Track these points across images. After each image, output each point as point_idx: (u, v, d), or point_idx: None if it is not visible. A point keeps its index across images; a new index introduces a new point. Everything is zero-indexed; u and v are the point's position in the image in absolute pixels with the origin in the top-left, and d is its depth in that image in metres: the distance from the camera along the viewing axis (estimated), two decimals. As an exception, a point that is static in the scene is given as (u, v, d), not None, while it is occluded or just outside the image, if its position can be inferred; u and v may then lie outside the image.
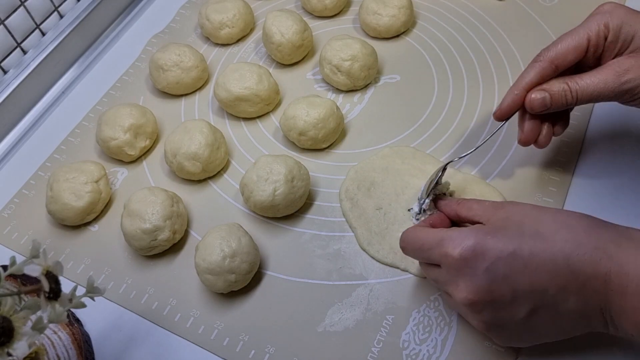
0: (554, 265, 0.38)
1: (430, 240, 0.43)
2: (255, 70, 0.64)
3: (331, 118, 0.60)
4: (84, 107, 0.71)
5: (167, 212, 0.55)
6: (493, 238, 0.40)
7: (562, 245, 0.39)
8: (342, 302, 0.52)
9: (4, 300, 0.35)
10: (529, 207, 0.43)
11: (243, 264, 0.51)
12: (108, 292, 0.55)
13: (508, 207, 0.44)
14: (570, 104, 0.49)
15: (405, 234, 0.47)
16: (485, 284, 0.40)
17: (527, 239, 0.40)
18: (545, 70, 0.49)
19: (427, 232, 0.44)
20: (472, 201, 0.47)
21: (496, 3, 0.73)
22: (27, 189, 0.64)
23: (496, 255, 0.39)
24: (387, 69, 0.69)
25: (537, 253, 0.39)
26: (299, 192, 0.56)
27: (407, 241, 0.46)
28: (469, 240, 0.40)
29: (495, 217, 0.43)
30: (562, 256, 0.38)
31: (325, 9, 0.74)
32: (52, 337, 0.50)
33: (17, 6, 0.70)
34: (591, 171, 0.57)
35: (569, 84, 0.48)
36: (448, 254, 0.41)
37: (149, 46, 0.76)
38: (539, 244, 0.39)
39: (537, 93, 0.49)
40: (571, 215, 0.41)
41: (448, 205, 0.49)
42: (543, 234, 0.40)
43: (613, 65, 0.47)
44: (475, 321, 0.42)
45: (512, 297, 0.39)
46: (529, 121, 0.51)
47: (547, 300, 0.39)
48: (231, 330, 0.52)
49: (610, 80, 0.47)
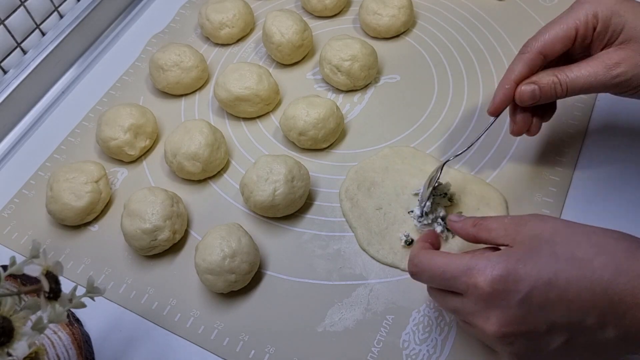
0: (592, 295, 0.36)
1: (454, 269, 0.40)
2: (255, 70, 0.64)
3: (331, 118, 0.60)
4: (84, 107, 0.71)
5: (167, 212, 0.55)
6: (525, 265, 0.37)
7: (601, 273, 0.36)
8: (342, 302, 0.52)
9: (4, 300, 0.35)
10: (558, 223, 0.40)
11: (243, 264, 0.51)
12: (108, 292, 0.55)
13: (532, 222, 0.40)
14: (559, 96, 0.48)
15: (418, 259, 0.42)
16: (520, 315, 0.37)
17: (563, 264, 0.37)
18: (534, 61, 0.48)
19: (447, 258, 0.41)
20: (489, 220, 0.43)
21: (496, 3, 0.73)
22: (27, 189, 0.64)
23: (531, 285, 0.37)
24: (387, 69, 0.69)
25: (575, 282, 0.36)
26: (299, 192, 0.56)
27: (421, 267, 0.42)
28: (500, 269, 0.37)
29: (521, 236, 0.40)
30: (601, 285, 0.36)
31: (325, 9, 0.74)
32: (52, 337, 0.50)
33: (17, 6, 0.70)
34: (592, 171, 0.57)
35: (558, 77, 0.47)
36: (478, 285, 0.38)
37: (149, 46, 0.76)
38: (576, 271, 0.36)
39: (527, 86, 0.48)
40: (608, 236, 0.38)
41: (463, 229, 0.44)
42: (580, 259, 0.37)
43: (603, 57, 0.46)
44: (506, 353, 0.40)
45: (548, 328, 0.37)
46: (520, 113, 0.51)
47: (584, 330, 0.37)
48: (231, 330, 0.52)
49: (600, 73, 0.46)
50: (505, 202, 0.55)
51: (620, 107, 0.61)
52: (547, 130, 0.60)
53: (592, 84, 0.46)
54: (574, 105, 0.61)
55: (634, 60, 0.45)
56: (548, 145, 0.59)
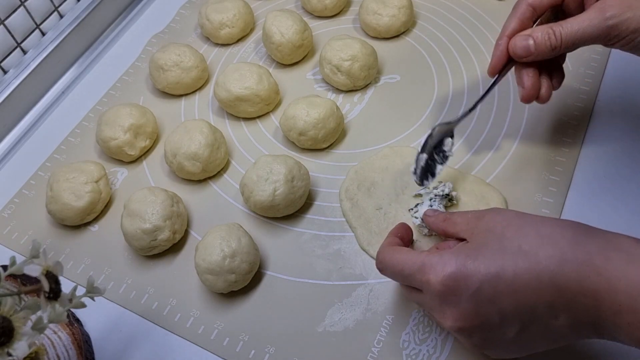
0: (539, 284, 0.37)
1: (410, 266, 0.42)
2: (255, 70, 0.64)
3: (331, 118, 0.60)
4: (84, 107, 0.71)
5: (167, 212, 0.55)
6: (475, 261, 0.39)
7: (546, 263, 0.37)
8: (342, 302, 0.52)
9: (4, 300, 0.35)
10: (512, 215, 0.41)
11: (243, 264, 0.51)
12: (108, 292, 0.55)
13: (489, 216, 0.42)
14: (555, 47, 0.47)
15: (382, 256, 0.45)
16: (472, 309, 0.39)
17: (510, 257, 0.38)
18: (524, 14, 0.48)
19: (405, 255, 0.43)
20: (456, 215, 0.45)
21: (496, 3, 0.73)
22: (27, 189, 0.64)
23: (479, 280, 0.38)
24: (387, 69, 0.69)
25: (521, 273, 0.37)
26: (299, 192, 0.56)
27: (384, 264, 0.44)
28: (450, 267, 0.39)
29: (477, 230, 0.42)
30: (547, 274, 0.37)
31: (325, 9, 0.74)
32: (52, 337, 0.50)
33: (17, 6, 0.70)
34: (591, 171, 0.57)
35: (552, 27, 0.47)
36: (430, 282, 0.40)
37: (149, 46, 0.76)
38: (522, 263, 0.38)
39: (520, 38, 0.48)
40: (555, 226, 0.39)
41: (435, 224, 0.48)
42: (526, 251, 0.38)
43: (597, 4, 0.45)
44: (467, 344, 0.41)
45: (500, 318, 0.38)
46: (527, 77, 0.50)
47: (536, 317, 0.38)
48: (231, 330, 0.52)
49: (594, 17, 0.45)
50: (505, 202, 0.55)
51: (621, 106, 0.61)
52: (547, 130, 0.60)
53: (586, 30, 0.45)
54: (574, 105, 0.61)
55: (627, 1, 0.44)
56: (548, 145, 0.59)
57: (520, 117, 0.62)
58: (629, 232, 0.39)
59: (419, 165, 0.54)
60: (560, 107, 0.61)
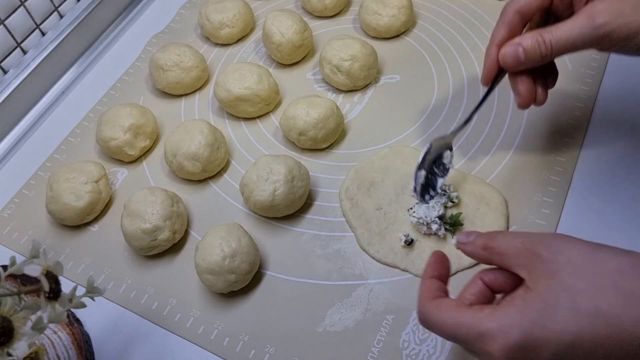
0: (624, 353, 0.32)
1: (465, 333, 0.36)
2: (255, 70, 0.64)
3: (331, 118, 0.60)
4: (84, 107, 0.71)
5: (167, 212, 0.55)
6: (544, 329, 0.33)
7: (632, 331, 0.32)
8: (342, 302, 0.52)
9: (4, 300, 0.35)
10: (576, 254, 0.35)
11: (243, 264, 0.51)
12: (108, 292, 0.55)
13: (547, 253, 0.36)
14: (545, 55, 0.45)
15: (425, 315, 0.38)
16: None
17: (586, 322, 0.33)
18: (512, 22, 0.47)
19: (455, 317, 0.36)
20: (499, 242, 0.39)
21: (496, 3, 0.73)
22: (27, 189, 0.64)
23: (552, 352, 0.33)
24: (387, 69, 0.69)
25: (602, 342, 0.32)
26: (299, 192, 0.56)
27: (429, 324, 0.38)
28: (514, 335, 0.33)
29: (537, 274, 0.35)
30: (636, 343, 0.32)
31: (325, 9, 0.74)
32: (52, 337, 0.50)
33: (17, 6, 0.70)
34: (592, 171, 0.57)
35: (542, 35, 0.45)
36: (492, 354, 0.34)
37: (149, 46, 0.76)
38: (602, 329, 0.32)
39: (509, 47, 0.46)
40: (637, 277, 0.33)
41: (474, 254, 0.41)
42: (605, 314, 0.32)
43: (586, 10, 0.43)
44: None
45: None
46: (522, 83, 0.48)
47: None
48: (231, 330, 0.52)
49: (584, 25, 0.43)
50: (505, 202, 0.55)
51: (621, 105, 0.61)
52: (547, 130, 0.60)
53: (576, 38, 0.43)
54: (574, 105, 0.61)
55: (617, 7, 0.42)
56: (548, 145, 0.59)
57: (520, 117, 0.62)
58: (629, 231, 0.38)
59: (418, 182, 0.53)
60: (560, 107, 0.61)
